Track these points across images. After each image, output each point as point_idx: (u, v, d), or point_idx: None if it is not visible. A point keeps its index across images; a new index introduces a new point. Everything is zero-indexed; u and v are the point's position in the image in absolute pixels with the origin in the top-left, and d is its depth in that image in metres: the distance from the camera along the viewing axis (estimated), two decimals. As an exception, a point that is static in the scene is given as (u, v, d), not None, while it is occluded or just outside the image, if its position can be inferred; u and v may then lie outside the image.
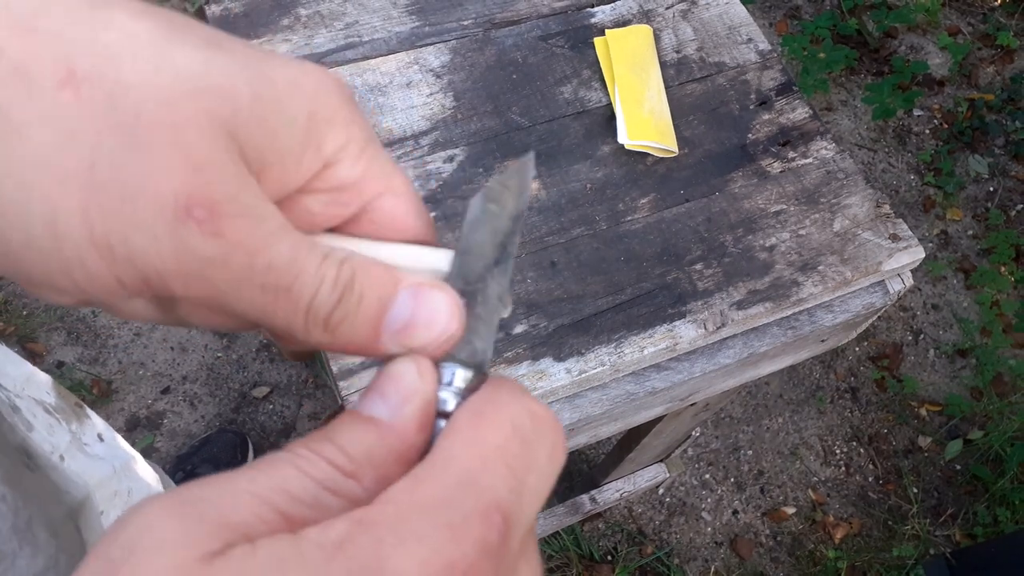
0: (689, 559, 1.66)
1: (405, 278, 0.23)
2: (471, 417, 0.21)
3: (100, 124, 0.19)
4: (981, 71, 2.31)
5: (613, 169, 0.74)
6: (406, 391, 0.22)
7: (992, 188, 2.15)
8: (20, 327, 1.63)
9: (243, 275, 0.21)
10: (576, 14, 0.82)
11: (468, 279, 0.24)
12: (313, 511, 0.19)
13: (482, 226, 0.25)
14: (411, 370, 0.22)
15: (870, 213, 0.75)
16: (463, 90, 0.76)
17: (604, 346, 0.66)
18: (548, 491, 0.22)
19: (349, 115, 0.24)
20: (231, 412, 1.63)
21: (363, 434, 0.21)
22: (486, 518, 0.19)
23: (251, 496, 0.19)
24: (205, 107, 0.20)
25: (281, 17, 0.76)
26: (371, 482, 0.21)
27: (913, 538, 1.73)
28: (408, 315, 0.23)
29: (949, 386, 1.89)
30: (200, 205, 0.20)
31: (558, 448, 0.22)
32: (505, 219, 0.25)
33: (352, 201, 0.25)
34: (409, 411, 0.22)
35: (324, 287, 0.22)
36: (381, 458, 0.21)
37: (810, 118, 0.80)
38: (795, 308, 0.72)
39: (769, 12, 2.33)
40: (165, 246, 0.20)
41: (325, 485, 0.20)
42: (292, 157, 0.23)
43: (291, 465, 0.20)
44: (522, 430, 0.21)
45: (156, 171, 0.20)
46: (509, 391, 0.22)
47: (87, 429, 0.67)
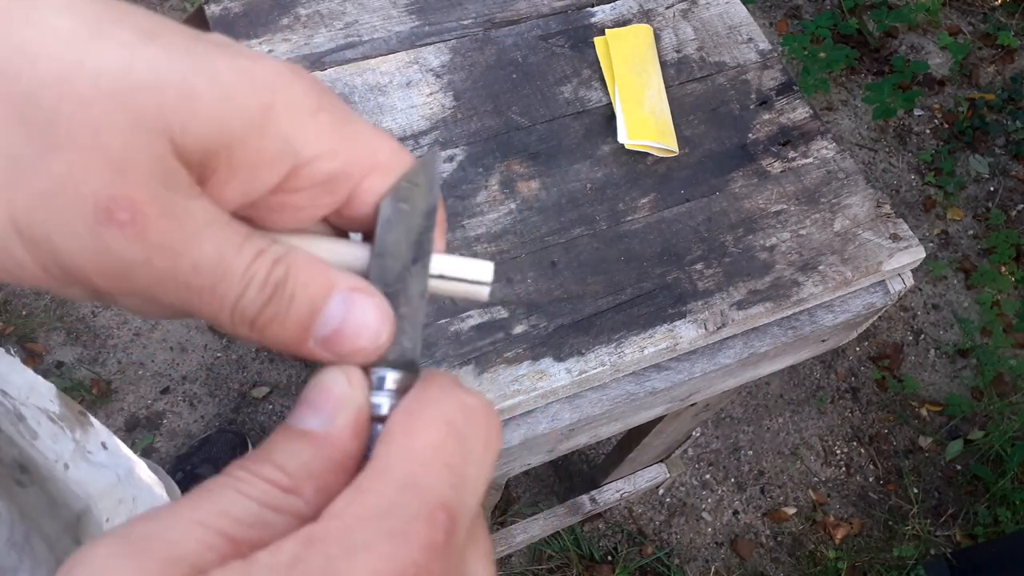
0: (689, 559, 1.65)
1: (340, 281, 0.23)
2: (404, 419, 0.21)
3: (17, 123, 0.19)
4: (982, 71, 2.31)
5: (613, 169, 0.74)
6: (337, 401, 0.22)
7: (993, 188, 2.15)
8: (19, 327, 1.63)
9: (167, 276, 0.21)
10: (576, 13, 0.82)
11: (387, 280, 0.24)
12: (258, 531, 0.20)
13: (395, 226, 0.25)
14: (340, 379, 0.22)
15: (871, 213, 0.75)
16: (463, 90, 0.75)
17: (604, 346, 0.65)
18: (488, 478, 0.22)
19: (315, 103, 0.23)
20: (231, 412, 1.63)
21: (298, 448, 0.21)
22: (431, 519, 0.19)
23: (195, 524, 0.19)
24: (127, 105, 0.20)
25: (280, 17, 0.76)
26: (312, 495, 0.21)
27: (914, 538, 1.73)
28: (338, 321, 0.23)
29: (950, 386, 1.89)
30: (122, 208, 0.20)
31: (493, 436, 0.22)
32: (417, 217, 0.25)
33: (340, 188, 0.24)
34: (342, 420, 0.22)
35: (252, 287, 0.22)
36: (319, 470, 0.21)
37: (810, 118, 0.80)
38: (795, 308, 0.71)
39: (769, 12, 2.33)
40: (87, 246, 0.20)
41: (266, 504, 0.20)
42: (246, 150, 0.22)
43: (230, 488, 0.20)
44: (455, 425, 0.21)
45: (76, 172, 0.19)
46: (439, 387, 0.22)
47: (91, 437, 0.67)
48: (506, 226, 0.70)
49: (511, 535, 1.40)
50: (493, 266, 0.26)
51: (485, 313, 0.65)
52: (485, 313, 0.65)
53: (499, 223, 0.70)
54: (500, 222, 0.70)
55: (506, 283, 0.67)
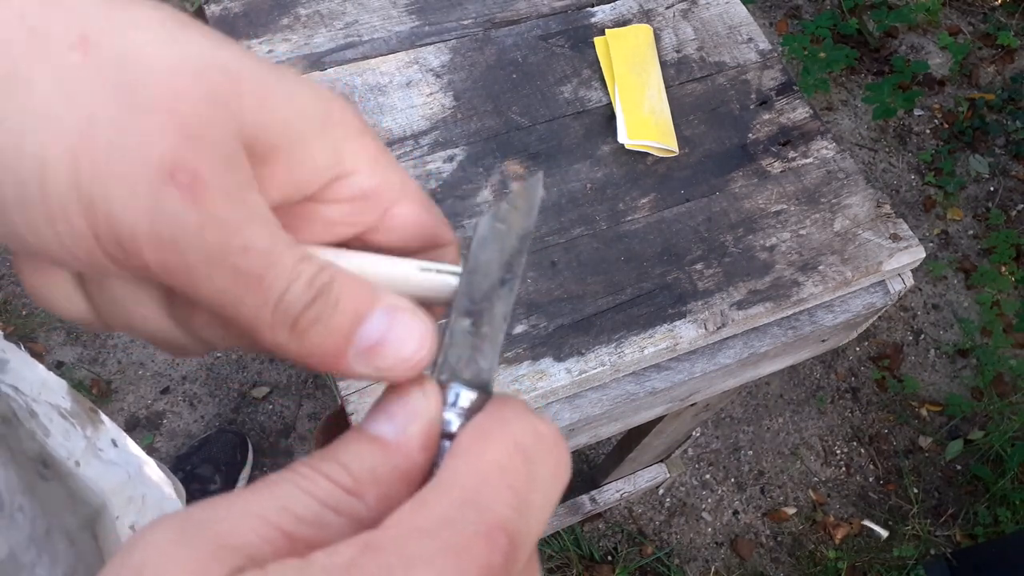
0: (689, 559, 1.65)
1: (384, 297, 0.23)
2: (474, 437, 0.21)
3: (104, 84, 0.20)
4: (982, 71, 2.31)
5: (613, 169, 0.74)
6: (411, 411, 0.22)
7: (993, 188, 2.15)
8: (19, 327, 1.63)
9: (216, 251, 0.20)
10: (576, 13, 0.82)
11: (474, 298, 0.24)
12: (316, 530, 0.20)
13: (489, 245, 0.25)
14: (417, 391, 0.22)
15: (871, 213, 0.75)
16: (463, 90, 0.75)
17: (604, 346, 0.65)
18: (552, 509, 0.22)
19: (362, 126, 0.25)
20: (231, 412, 1.63)
21: (366, 452, 0.21)
22: (490, 539, 0.19)
23: (254, 517, 0.19)
24: (209, 84, 0.21)
25: (280, 17, 0.76)
26: (374, 500, 0.21)
27: (914, 538, 1.73)
28: (380, 334, 0.22)
29: (950, 386, 1.89)
30: (185, 171, 0.20)
31: (562, 466, 0.22)
32: (512, 239, 0.25)
33: (371, 210, 0.25)
34: (413, 431, 0.22)
35: (298, 284, 0.22)
36: (384, 477, 0.21)
37: (810, 118, 0.80)
38: (795, 308, 0.71)
39: (769, 12, 2.33)
40: (142, 204, 0.20)
41: (327, 503, 0.20)
42: (305, 148, 0.23)
43: (292, 484, 0.20)
44: (525, 449, 0.21)
45: (148, 132, 0.20)
46: (512, 410, 0.22)
47: (101, 435, 0.67)
48: (506, 226, 0.69)
49: (511, 535, 1.40)
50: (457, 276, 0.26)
51: (485, 313, 0.65)
52: (485, 313, 0.65)
53: (499, 223, 0.70)
54: (500, 222, 0.70)
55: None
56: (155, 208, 0.20)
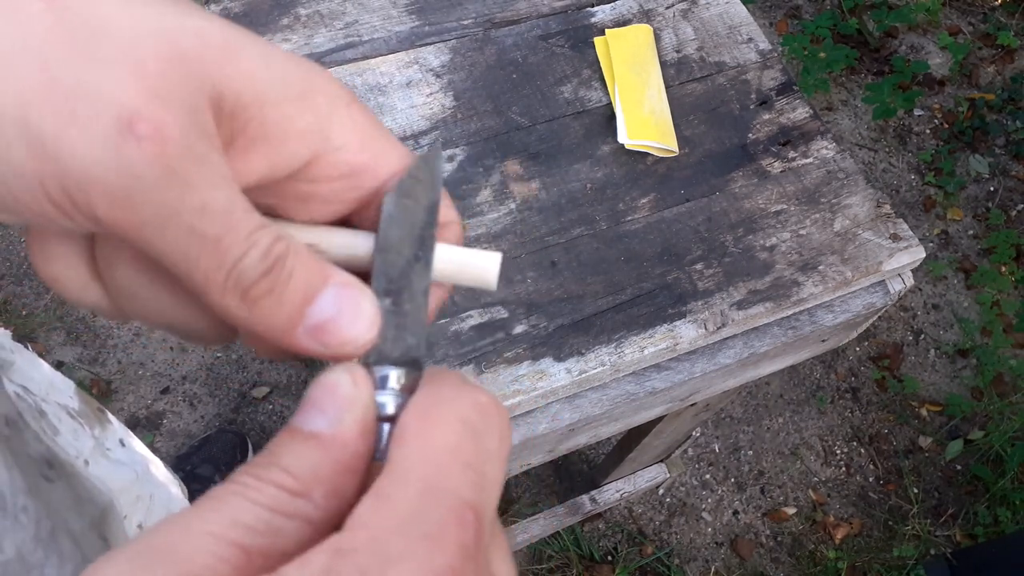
0: (689, 559, 1.65)
1: (336, 274, 0.23)
2: (419, 421, 0.21)
3: (66, 35, 0.20)
4: (982, 71, 2.31)
5: (613, 169, 0.74)
6: (343, 401, 0.22)
7: (993, 188, 2.15)
8: (19, 327, 1.63)
9: (172, 208, 0.20)
10: (576, 13, 0.82)
11: (391, 276, 0.24)
12: (269, 538, 0.19)
13: (398, 222, 0.24)
14: (345, 379, 0.22)
15: (871, 213, 0.75)
16: (463, 90, 0.75)
17: (604, 346, 0.65)
18: (503, 473, 0.22)
19: (349, 96, 0.24)
20: (231, 412, 1.63)
21: (305, 451, 0.21)
22: (460, 520, 0.19)
23: (206, 536, 0.19)
24: (176, 43, 0.21)
25: (280, 16, 0.76)
26: (322, 498, 0.20)
27: (914, 538, 1.73)
28: (331, 312, 0.22)
29: (950, 386, 1.89)
30: (147, 123, 0.19)
31: (505, 431, 0.22)
32: (420, 212, 0.25)
33: (365, 185, 0.25)
34: (349, 421, 0.21)
35: (255, 252, 0.21)
36: (328, 472, 0.21)
37: (810, 118, 0.80)
38: (795, 308, 0.71)
39: (769, 12, 2.33)
40: (99, 155, 0.19)
41: (276, 509, 0.20)
42: (281, 113, 0.22)
43: (238, 496, 0.20)
44: (471, 424, 0.21)
45: (109, 82, 0.19)
46: (450, 385, 0.22)
47: (109, 434, 0.67)
48: (506, 226, 0.70)
49: (511, 535, 1.40)
50: (501, 256, 0.26)
51: (485, 313, 0.65)
52: (485, 313, 0.65)
53: (499, 223, 0.70)
54: (500, 222, 0.70)
55: (506, 283, 0.67)
56: (111, 157, 0.19)
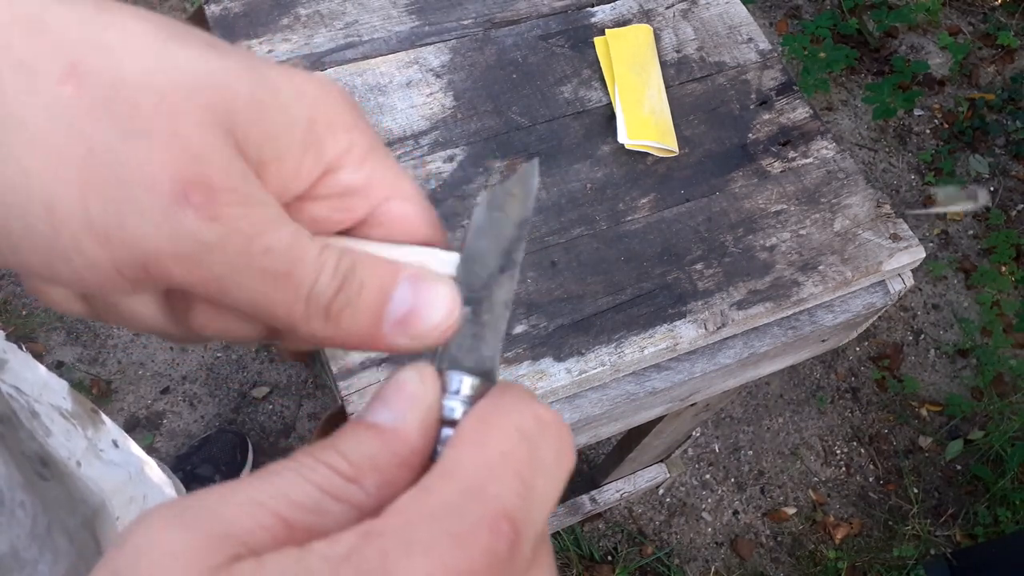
0: (689, 559, 1.65)
1: (403, 268, 0.24)
2: (477, 424, 0.21)
3: (99, 114, 0.20)
4: (982, 71, 2.31)
5: (613, 169, 0.74)
6: (409, 397, 0.22)
7: (993, 188, 2.15)
8: (19, 327, 1.63)
9: (241, 260, 0.21)
10: (576, 13, 0.82)
11: (473, 286, 0.24)
12: (316, 517, 0.20)
13: (487, 233, 0.25)
14: (414, 377, 0.22)
15: (871, 213, 0.75)
16: (463, 90, 0.75)
17: (604, 346, 0.65)
18: (557, 495, 0.22)
19: (351, 120, 0.24)
20: (231, 412, 1.63)
21: (365, 440, 0.21)
22: (494, 527, 0.19)
23: (254, 504, 0.19)
24: (204, 101, 0.21)
25: (281, 17, 0.76)
26: (374, 487, 0.21)
27: (914, 538, 1.73)
28: (409, 304, 0.23)
29: (950, 386, 1.89)
30: (197, 190, 0.20)
31: (565, 451, 0.22)
32: (510, 226, 0.25)
33: (358, 206, 0.25)
34: (412, 416, 0.22)
35: (324, 274, 0.22)
36: (384, 463, 0.21)
37: (810, 118, 0.80)
38: (795, 308, 0.71)
39: (769, 12, 2.33)
40: (162, 230, 0.20)
41: (327, 490, 0.20)
42: (292, 159, 0.23)
43: (293, 472, 0.20)
44: (528, 435, 0.21)
45: (153, 157, 0.20)
46: (514, 397, 0.22)
47: (102, 435, 0.67)
48: (506, 226, 0.69)
49: (511, 535, 1.40)
50: (459, 256, 0.26)
51: (485, 313, 0.65)
52: (485, 313, 0.65)
53: (499, 223, 0.70)
54: (500, 222, 0.70)
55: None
56: (175, 231, 0.20)
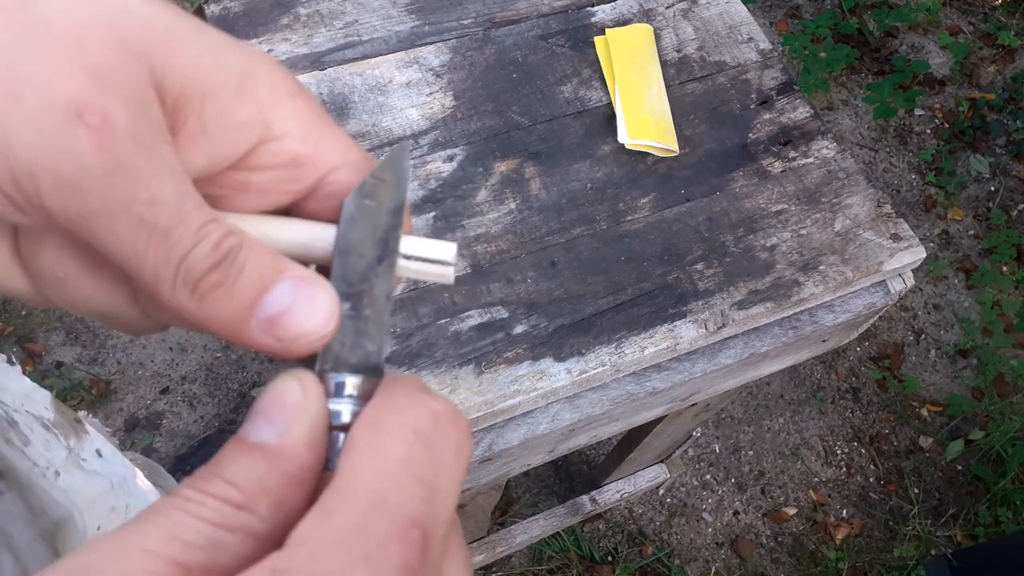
0: (690, 560, 1.65)
1: (291, 267, 0.22)
2: (369, 431, 0.20)
3: (10, 27, 0.19)
4: (982, 70, 2.30)
5: (613, 168, 0.74)
6: (291, 410, 0.21)
7: (993, 188, 2.15)
8: (19, 327, 1.63)
9: (121, 199, 0.20)
10: (576, 13, 0.81)
11: (351, 280, 0.23)
12: (212, 553, 0.19)
13: (360, 223, 0.24)
14: (294, 387, 0.21)
15: (871, 213, 0.75)
16: (463, 89, 0.75)
17: (604, 346, 0.65)
18: (460, 486, 0.21)
19: (294, 87, 0.23)
20: (230, 412, 1.63)
21: (251, 462, 0.20)
22: (404, 538, 0.19)
23: (143, 553, 0.18)
24: (119, 29, 0.20)
25: (280, 16, 0.76)
26: (267, 511, 0.20)
27: (914, 539, 1.73)
28: (285, 304, 0.22)
29: (950, 386, 1.89)
30: (93, 113, 0.19)
31: (464, 443, 0.21)
32: (384, 214, 0.24)
33: (305, 177, 0.24)
34: (297, 431, 0.20)
35: (205, 244, 0.21)
36: (274, 484, 0.20)
37: (811, 117, 0.80)
38: (796, 308, 0.71)
39: (770, 11, 2.33)
40: (46, 143, 0.19)
41: (218, 523, 0.19)
42: (221, 102, 0.22)
43: (179, 510, 0.19)
44: (423, 434, 0.20)
45: (55, 71, 0.19)
46: (404, 394, 0.21)
47: (85, 445, 0.67)
48: (506, 226, 0.69)
49: (511, 535, 1.40)
50: (456, 246, 0.25)
51: (485, 313, 0.65)
52: (485, 313, 0.65)
53: (499, 223, 0.69)
54: (500, 222, 0.69)
55: (506, 283, 0.67)
56: (59, 147, 0.19)
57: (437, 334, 0.64)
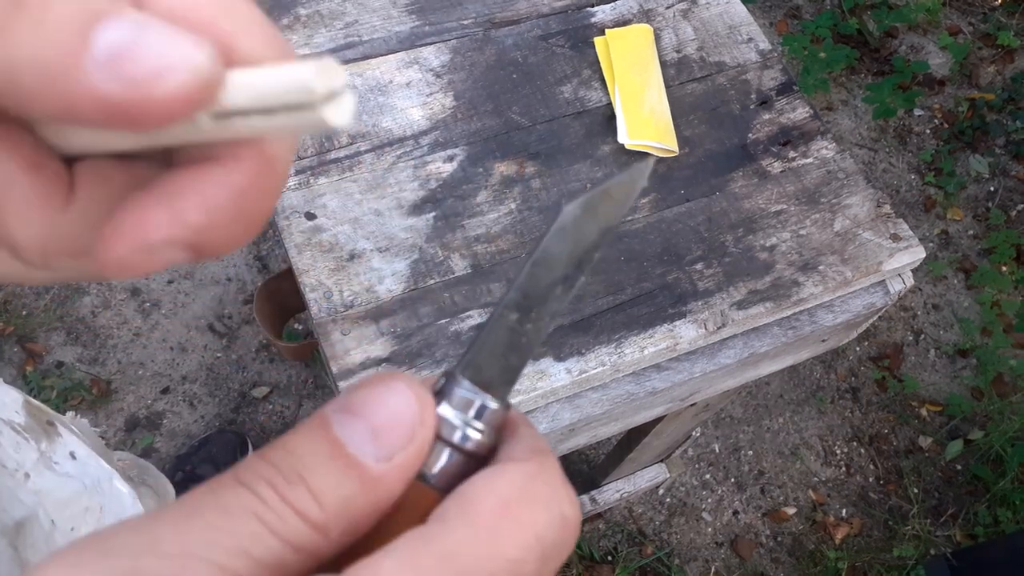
0: (689, 559, 1.65)
1: None
2: (496, 510, 0.18)
3: None
4: (982, 71, 2.31)
5: (613, 169, 0.74)
6: (403, 434, 0.18)
7: (993, 188, 2.15)
8: (19, 327, 1.63)
9: None
10: (576, 13, 0.82)
11: (529, 293, 0.21)
12: (272, 571, 0.16)
13: (566, 236, 0.21)
14: (411, 403, 0.18)
15: (871, 213, 0.75)
16: (463, 90, 0.75)
17: (604, 346, 0.65)
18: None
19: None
20: (231, 412, 1.63)
21: (342, 479, 0.17)
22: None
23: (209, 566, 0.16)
24: None
25: (280, 17, 0.76)
26: (339, 536, 0.17)
27: (914, 538, 1.73)
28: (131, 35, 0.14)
29: (950, 386, 1.89)
30: None
31: (569, 551, 0.19)
32: (593, 232, 0.21)
33: None
34: (401, 462, 0.18)
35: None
36: (359, 511, 0.18)
37: (810, 118, 0.80)
38: (796, 308, 0.71)
39: (769, 12, 2.33)
40: None
41: (291, 543, 0.17)
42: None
43: (255, 519, 0.16)
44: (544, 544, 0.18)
45: None
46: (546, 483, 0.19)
47: (57, 447, 0.68)
48: (506, 226, 0.70)
49: (511, 535, 1.40)
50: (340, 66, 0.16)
51: (485, 313, 0.65)
52: (485, 313, 0.65)
53: (499, 223, 0.70)
54: (500, 222, 0.70)
55: (506, 283, 0.67)
56: None
57: (437, 334, 0.64)
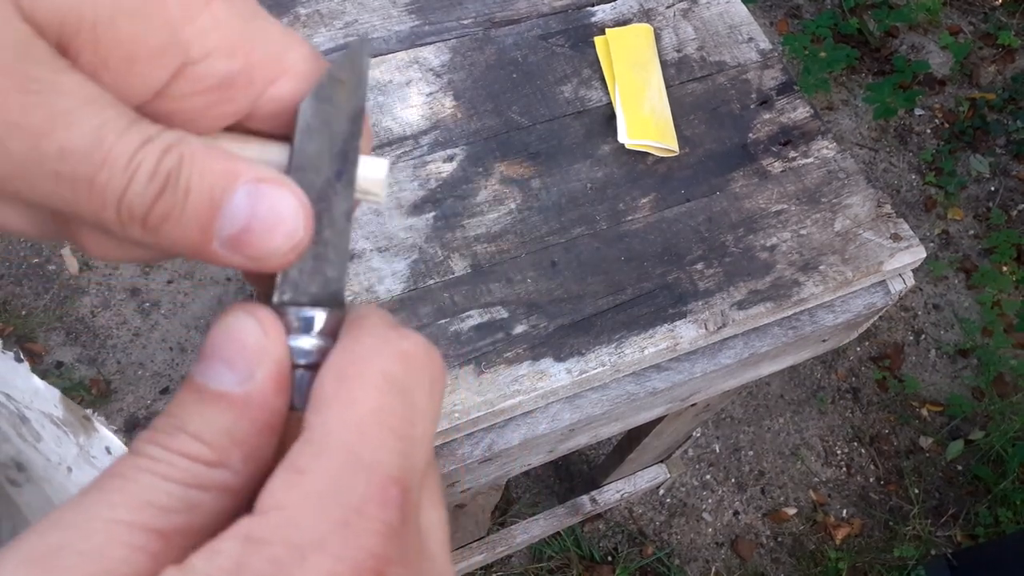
0: (690, 560, 1.65)
1: (245, 170, 0.19)
2: (338, 381, 0.19)
3: None
4: (982, 70, 2.30)
5: (613, 168, 0.74)
6: (252, 353, 0.19)
7: (993, 188, 2.15)
8: (19, 327, 1.63)
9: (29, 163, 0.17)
10: (576, 13, 0.81)
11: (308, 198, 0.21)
12: (187, 515, 0.18)
13: (317, 134, 0.21)
14: (251, 326, 0.19)
15: (871, 213, 0.75)
16: (463, 89, 0.75)
17: (604, 346, 0.65)
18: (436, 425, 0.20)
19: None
20: (231, 412, 1.63)
21: (216, 413, 0.18)
22: (383, 499, 0.17)
23: (117, 525, 0.17)
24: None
25: (280, 16, 0.76)
26: (240, 464, 0.19)
27: (914, 539, 1.73)
28: (245, 217, 0.19)
29: (950, 386, 1.89)
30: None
31: (437, 380, 0.20)
32: (343, 121, 0.21)
33: (240, 95, 0.21)
34: (261, 376, 0.19)
35: (139, 178, 0.18)
36: (244, 435, 0.19)
37: (811, 117, 0.80)
38: (796, 308, 0.71)
39: (770, 11, 2.33)
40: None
41: (191, 483, 0.18)
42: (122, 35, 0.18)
43: (147, 472, 0.18)
44: (396, 380, 0.19)
45: None
46: (372, 335, 0.20)
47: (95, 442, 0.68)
48: (506, 226, 0.69)
49: (511, 535, 1.40)
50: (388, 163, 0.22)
51: (485, 313, 0.65)
52: (485, 313, 0.65)
53: (499, 223, 0.69)
54: (500, 222, 0.69)
55: (506, 283, 0.67)
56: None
57: (437, 334, 0.64)
